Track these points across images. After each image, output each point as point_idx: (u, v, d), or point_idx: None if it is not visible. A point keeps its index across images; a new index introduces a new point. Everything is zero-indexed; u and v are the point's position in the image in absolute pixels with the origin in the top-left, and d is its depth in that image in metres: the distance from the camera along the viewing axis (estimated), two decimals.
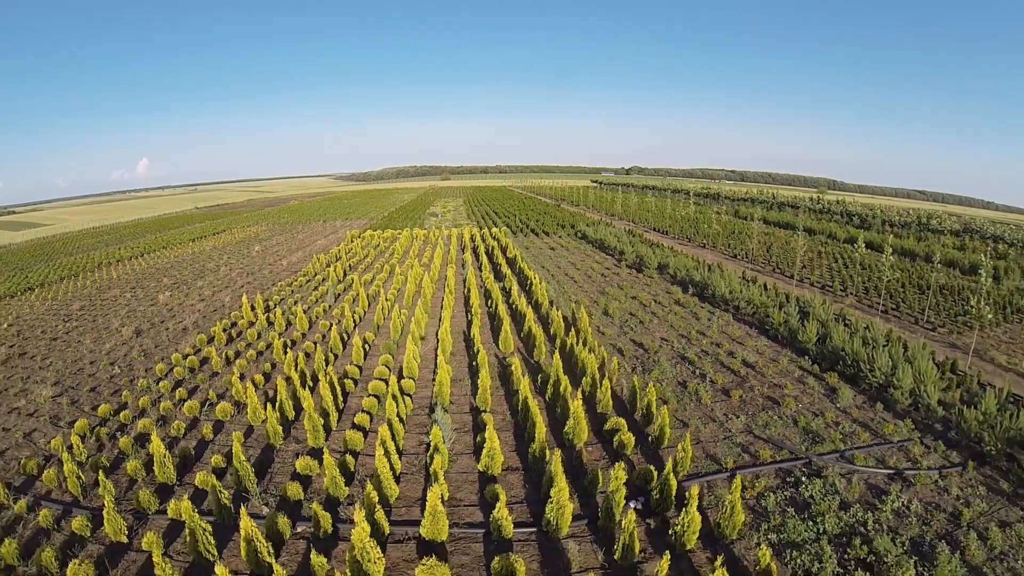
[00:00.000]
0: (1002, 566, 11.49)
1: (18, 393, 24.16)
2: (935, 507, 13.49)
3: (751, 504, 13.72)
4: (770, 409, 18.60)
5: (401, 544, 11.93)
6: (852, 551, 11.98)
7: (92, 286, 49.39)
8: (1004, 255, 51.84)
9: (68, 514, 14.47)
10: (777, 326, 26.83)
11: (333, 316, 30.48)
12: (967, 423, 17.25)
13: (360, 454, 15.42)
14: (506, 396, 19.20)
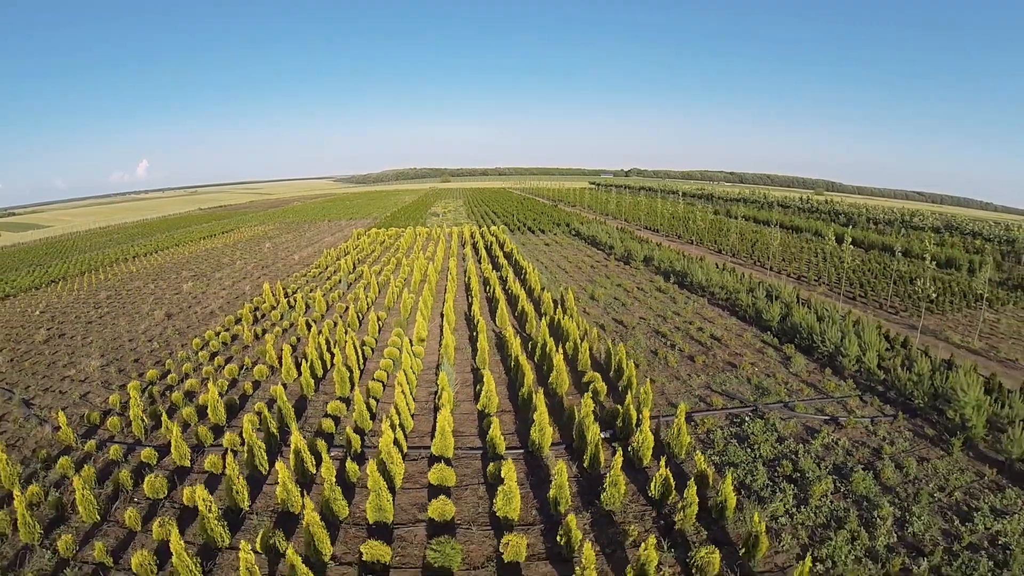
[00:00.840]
0: (913, 487, 14.35)
1: (67, 364, 27.23)
2: (861, 444, 16.50)
3: (701, 437, 16.76)
4: (728, 371, 21.66)
5: (416, 461, 14.97)
6: (781, 470, 15.03)
7: (114, 279, 52.42)
8: (980, 249, 54.96)
9: (132, 451, 17.46)
10: (745, 307, 29.91)
11: (348, 300, 33.54)
12: (901, 381, 20.37)
13: (380, 400, 18.47)
14: (502, 360, 22.27)
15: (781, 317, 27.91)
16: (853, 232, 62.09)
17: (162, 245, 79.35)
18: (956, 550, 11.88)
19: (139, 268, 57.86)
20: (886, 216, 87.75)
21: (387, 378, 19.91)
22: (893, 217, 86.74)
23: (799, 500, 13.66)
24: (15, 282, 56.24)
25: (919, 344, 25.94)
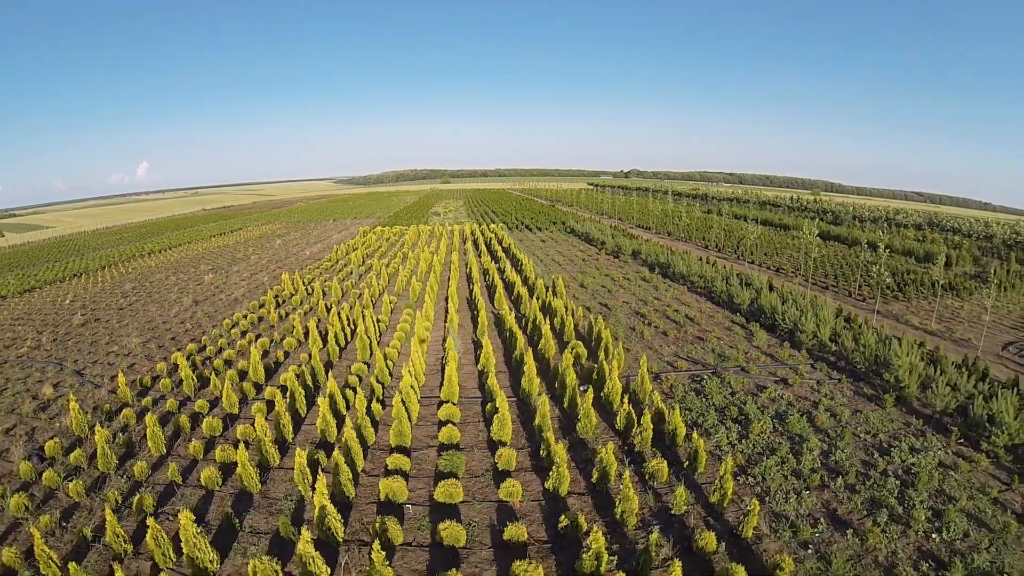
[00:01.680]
0: (843, 430, 17.34)
1: (108, 342, 30.39)
2: (804, 399, 19.58)
3: (665, 391, 19.89)
4: (697, 343, 24.82)
5: (427, 406, 18.14)
6: (728, 413, 18.17)
7: (134, 272, 55.60)
8: (959, 245, 58.11)
9: (184, 405, 20.58)
10: (719, 293, 33.08)
11: (361, 287, 36.70)
12: (847, 351, 23.55)
13: (396, 363, 21.62)
14: (499, 334, 25.44)
15: (751, 301, 31.05)
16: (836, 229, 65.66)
17: (175, 242, 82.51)
18: (870, 474, 14.93)
19: (157, 263, 61.05)
20: (871, 214, 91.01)
21: (400, 347, 23.07)
22: (878, 215, 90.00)
23: (741, 435, 16.79)
24: (39, 276, 59.43)
25: (877, 325, 29.04)
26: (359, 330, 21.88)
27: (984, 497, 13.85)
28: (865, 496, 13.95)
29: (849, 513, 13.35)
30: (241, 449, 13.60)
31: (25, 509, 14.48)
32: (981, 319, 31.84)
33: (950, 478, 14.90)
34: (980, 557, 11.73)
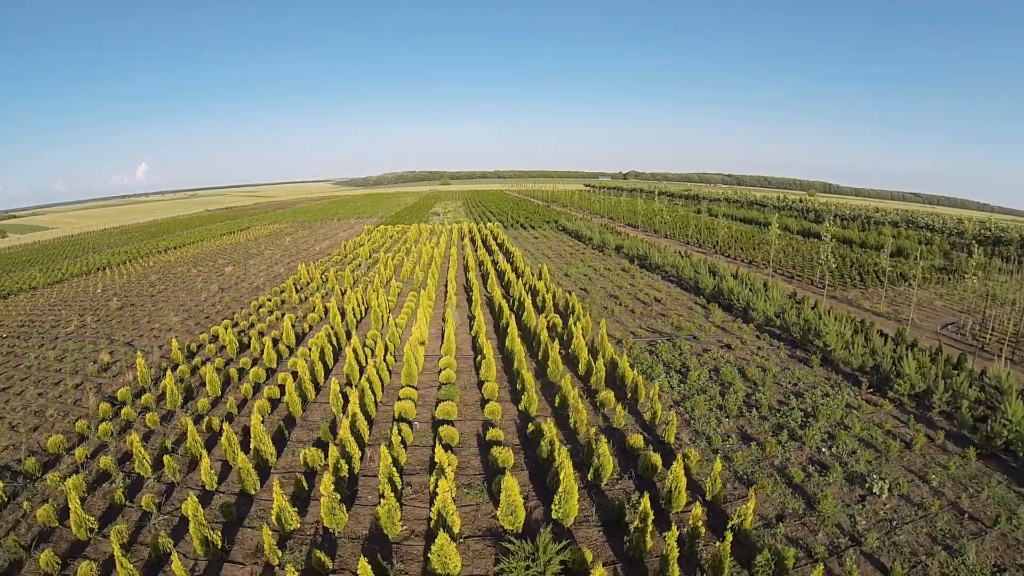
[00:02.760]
0: (771, 380, 21.42)
1: (149, 320, 34.64)
2: (742, 359, 23.73)
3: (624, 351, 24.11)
4: (659, 318, 29.10)
5: (430, 360, 22.40)
6: (673, 366, 22.41)
7: (156, 265, 59.85)
8: (930, 241, 62.42)
9: (229, 364, 24.77)
10: (688, 280, 37.37)
11: (370, 276, 40.99)
12: (788, 323, 27.76)
13: (403, 331, 25.89)
14: (491, 310, 29.74)
15: (714, 286, 35.33)
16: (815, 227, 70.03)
17: (187, 240, 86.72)
18: (782, 409, 19.08)
19: (176, 258, 65.32)
20: (852, 213, 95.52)
21: (407, 321, 27.33)
22: (858, 214, 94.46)
23: (680, 381, 21.05)
24: (64, 270, 63.61)
25: (827, 306, 33.25)
26: (372, 305, 26.17)
27: (878, 429, 17.64)
28: (772, 423, 18.13)
29: (757, 433, 17.52)
30: (288, 380, 17.87)
31: (110, 434, 18.72)
32: (933, 304, 35.98)
33: (852, 414, 18.95)
34: (859, 465, 15.71)
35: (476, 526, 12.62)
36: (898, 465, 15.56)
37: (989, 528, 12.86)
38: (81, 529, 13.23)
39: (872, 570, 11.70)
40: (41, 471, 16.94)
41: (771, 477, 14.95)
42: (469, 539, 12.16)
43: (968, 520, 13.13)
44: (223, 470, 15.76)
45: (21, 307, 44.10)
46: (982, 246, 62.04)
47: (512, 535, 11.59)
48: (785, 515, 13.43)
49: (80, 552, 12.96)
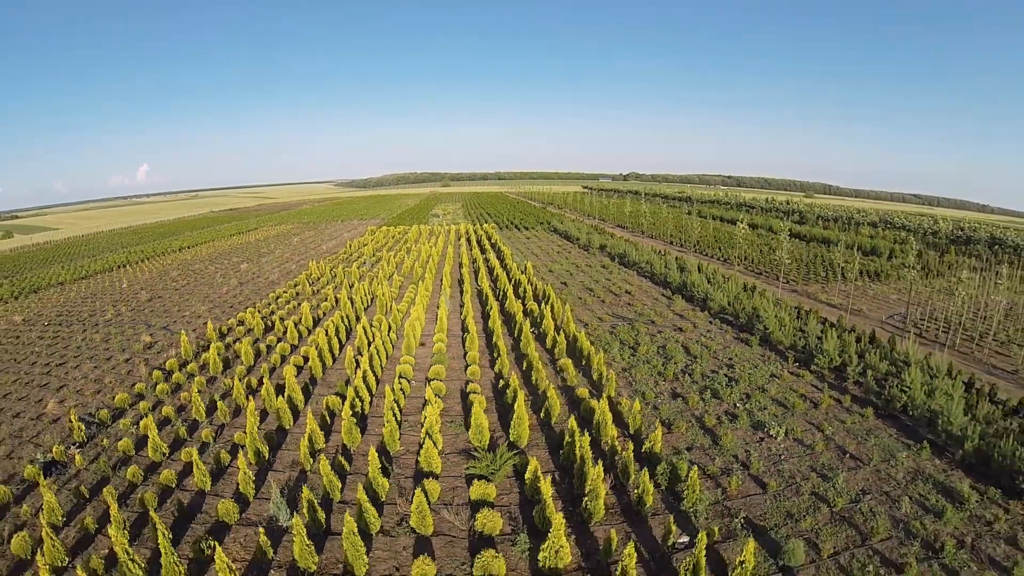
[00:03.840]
0: (708, 354, 25.76)
1: (179, 310, 39.08)
2: (688, 339, 28.04)
3: (589, 333, 28.49)
4: (626, 307, 33.46)
5: (426, 337, 26.83)
6: (626, 344, 26.76)
7: (174, 263, 64.34)
8: (904, 240, 66.71)
9: (257, 341, 29.18)
10: (659, 275, 41.73)
11: (375, 272, 45.47)
12: (737, 311, 32.07)
13: (404, 315, 30.33)
14: (479, 300, 34.15)
15: (680, 280, 39.68)
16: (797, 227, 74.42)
17: (199, 240, 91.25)
18: (713, 375, 23.38)
19: (191, 256, 69.83)
20: (834, 214, 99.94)
21: (407, 308, 31.74)
22: (839, 215, 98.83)
23: (631, 354, 25.41)
24: (87, 267, 68.11)
25: (782, 297, 37.49)
26: (377, 294, 30.64)
27: (793, 392, 21.62)
28: (701, 385, 22.41)
29: (685, 392, 21.77)
30: (311, 350, 22.29)
31: (166, 393, 23.16)
32: (888, 298, 39.94)
33: (774, 382, 23.17)
34: (765, 417, 19.94)
35: (454, 447, 17.03)
36: (801, 418, 19.67)
37: (865, 465, 16.88)
38: (156, 453, 17.66)
39: (753, 485, 15.93)
40: (112, 420, 21.41)
41: (688, 422, 19.27)
42: (449, 454, 16.56)
43: (849, 459, 17.19)
44: (262, 417, 20.17)
45: (53, 300, 48.51)
46: (955, 245, 66.74)
47: (479, 450, 15.98)
48: (693, 447, 17.74)
49: (155, 469, 17.33)
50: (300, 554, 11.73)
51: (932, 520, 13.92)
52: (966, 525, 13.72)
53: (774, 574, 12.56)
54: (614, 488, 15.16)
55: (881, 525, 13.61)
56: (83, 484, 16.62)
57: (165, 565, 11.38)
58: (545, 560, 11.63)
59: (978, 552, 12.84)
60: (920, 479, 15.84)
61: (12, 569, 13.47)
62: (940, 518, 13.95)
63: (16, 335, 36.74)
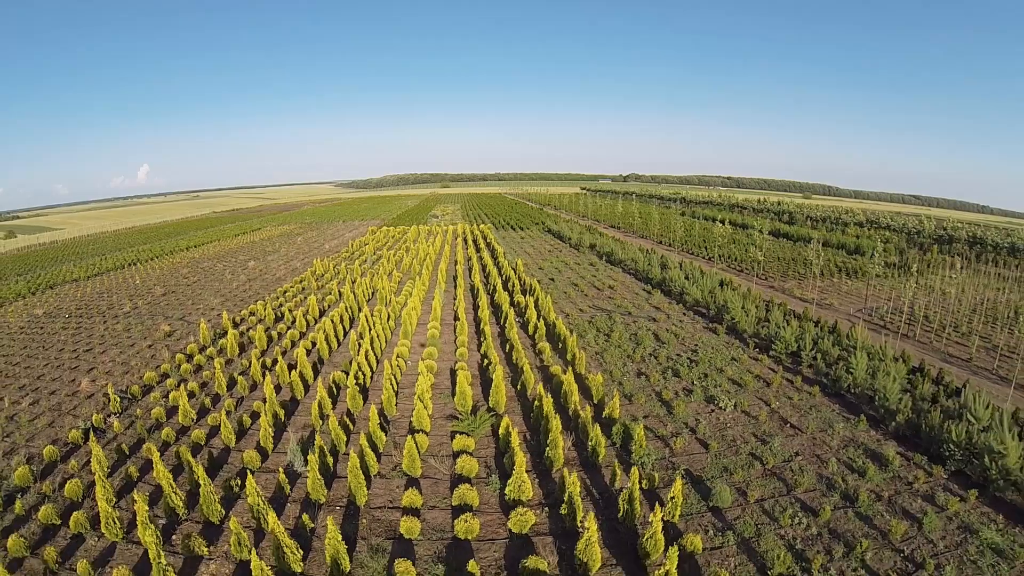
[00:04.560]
0: (675, 340, 28.57)
1: (194, 303, 41.92)
2: (660, 328, 30.83)
3: (569, 323, 31.29)
4: (607, 300, 36.26)
5: (421, 325, 29.66)
6: (601, 330, 29.54)
7: (182, 261, 67.20)
8: (888, 240, 69.48)
9: (269, 329, 32.01)
10: (641, 272, 44.54)
11: (376, 268, 48.32)
12: (709, 303, 34.85)
13: (402, 306, 33.17)
14: (472, 294, 36.99)
15: (661, 276, 42.47)
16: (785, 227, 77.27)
17: (204, 240, 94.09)
18: (677, 358, 26.13)
19: (199, 255, 72.70)
20: (822, 214, 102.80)
21: (405, 300, 34.60)
22: (827, 215, 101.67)
23: (604, 340, 28.19)
24: (99, 265, 70.93)
25: (756, 291, 40.10)
26: (378, 288, 33.51)
27: (748, 373, 24.30)
28: (664, 366, 25.17)
29: (649, 372, 24.44)
30: (319, 336, 25.12)
31: (189, 372, 26.00)
32: (861, 294, 42.35)
33: (733, 364, 25.94)
34: (717, 390, 22.69)
35: (442, 413, 19.87)
36: (752, 395, 22.33)
37: (803, 433, 19.52)
38: (186, 418, 20.47)
39: (697, 446, 18.66)
40: (142, 394, 24.25)
41: (648, 395, 22.04)
42: (437, 418, 19.40)
43: (789, 428, 19.85)
44: (276, 390, 22.99)
45: (70, 296, 51.28)
46: (936, 244, 69.49)
47: (462, 414, 18.80)
48: (649, 416, 20.49)
49: (186, 432, 20.12)
50: (312, 487, 14.54)
51: (856, 478, 16.19)
52: (887, 484, 15.86)
53: (704, 512, 15.22)
54: (575, 445, 17.96)
55: (807, 480, 16.14)
56: (122, 444, 19.44)
57: (203, 495, 14.16)
58: (511, 494, 14.43)
59: (893, 505, 14.91)
60: (852, 446, 18.14)
61: (65, 509, 16.20)
62: (863, 476, 16.33)
63: (40, 326, 39.51)
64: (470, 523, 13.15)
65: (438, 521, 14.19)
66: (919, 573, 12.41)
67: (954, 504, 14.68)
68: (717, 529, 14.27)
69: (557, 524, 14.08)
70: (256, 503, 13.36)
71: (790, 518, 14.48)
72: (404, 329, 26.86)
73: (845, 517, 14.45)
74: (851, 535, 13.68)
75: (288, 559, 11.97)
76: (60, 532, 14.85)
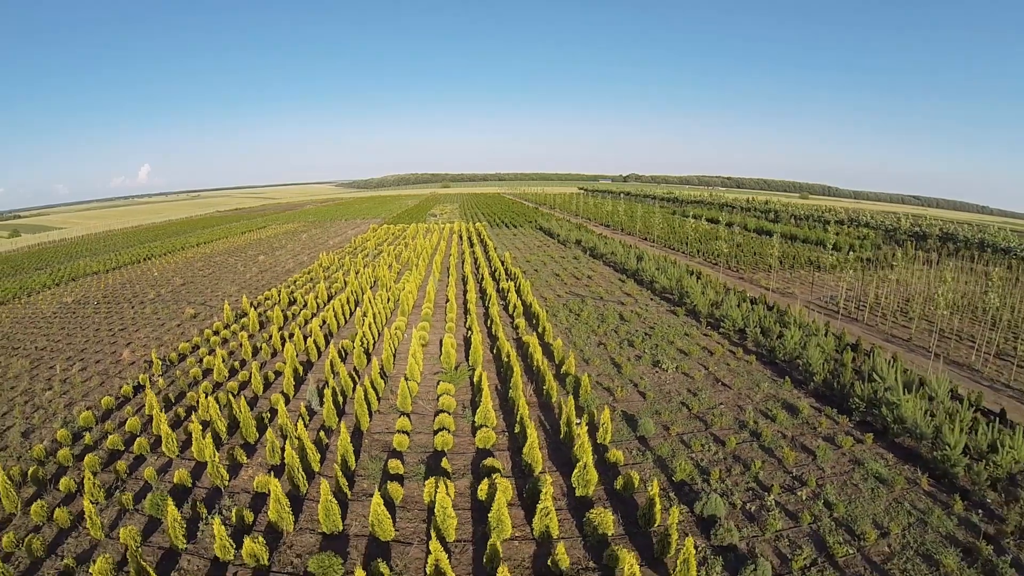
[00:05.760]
0: (638, 320, 32.96)
1: (212, 290, 46.36)
2: (626, 309, 35.19)
3: (547, 307, 35.65)
4: (584, 288, 40.64)
5: (416, 307, 34.08)
6: (573, 311, 33.94)
7: (195, 257, 71.65)
8: (865, 236, 73.69)
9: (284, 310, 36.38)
10: (619, 264, 48.91)
11: (377, 262, 52.75)
12: (672, 289, 39.21)
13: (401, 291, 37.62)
14: (463, 282, 41.41)
15: (636, 267, 46.83)
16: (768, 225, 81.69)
17: (212, 237, 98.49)
18: (635, 333, 30.49)
19: (210, 251, 77.15)
20: (805, 212, 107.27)
21: (403, 287, 39.02)
22: (811, 213, 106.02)
23: (574, 319, 32.55)
24: (115, 260, 75.35)
25: (724, 281, 44.35)
26: (379, 276, 37.90)
27: (696, 345, 28.57)
28: (623, 339, 29.48)
29: (608, 343, 28.77)
30: (329, 314, 29.53)
31: (218, 343, 30.40)
32: (826, 284, 45.89)
33: (685, 338, 30.22)
34: (663, 357, 26.96)
35: (431, 370, 24.31)
36: (695, 361, 26.58)
37: (730, 388, 23.67)
38: (220, 376, 24.87)
39: (637, 396, 22.87)
40: (178, 360, 28.63)
41: (603, 360, 26.37)
42: (426, 374, 23.84)
43: (720, 385, 24.04)
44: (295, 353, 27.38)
45: (94, 286, 55.59)
46: (910, 240, 73.74)
47: (446, 369, 23.18)
48: (601, 374, 24.81)
49: (220, 386, 24.50)
50: (327, 416, 18.93)
51: (767, 422, 20.19)
52: (794, 427, 19.50)
53: (632, 440, 19.48)
54: (535, 392, 22.34)
55: (724, 422, 20.30)
56: (168, 394, 23.82)
57: (242, 420, 18.56)
58: (479, 421, 18.79)
59: (795, 441, 18.63)
60: (772, 400, 21.98)
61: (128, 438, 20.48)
62: (774, 421, 20.39)
63: (72, 312, 43.87)
64: (446, 439, 17.53)
65: (423, 441, 18.58)
66: (803, 489, 15.86)
67: (849, 443, 18.04)
68: (639, 451, 18.56)
69: (513, 443, 18.46)
70: (284, 422, 17.75)
71: (701, 446, 18.60)
72: (402, 308, 31.29)
73: (749, 448, 18.33)
74: (751, 460, 17.31)
75: (309, 459, 16.34)
76: (123, 456, 19.11)
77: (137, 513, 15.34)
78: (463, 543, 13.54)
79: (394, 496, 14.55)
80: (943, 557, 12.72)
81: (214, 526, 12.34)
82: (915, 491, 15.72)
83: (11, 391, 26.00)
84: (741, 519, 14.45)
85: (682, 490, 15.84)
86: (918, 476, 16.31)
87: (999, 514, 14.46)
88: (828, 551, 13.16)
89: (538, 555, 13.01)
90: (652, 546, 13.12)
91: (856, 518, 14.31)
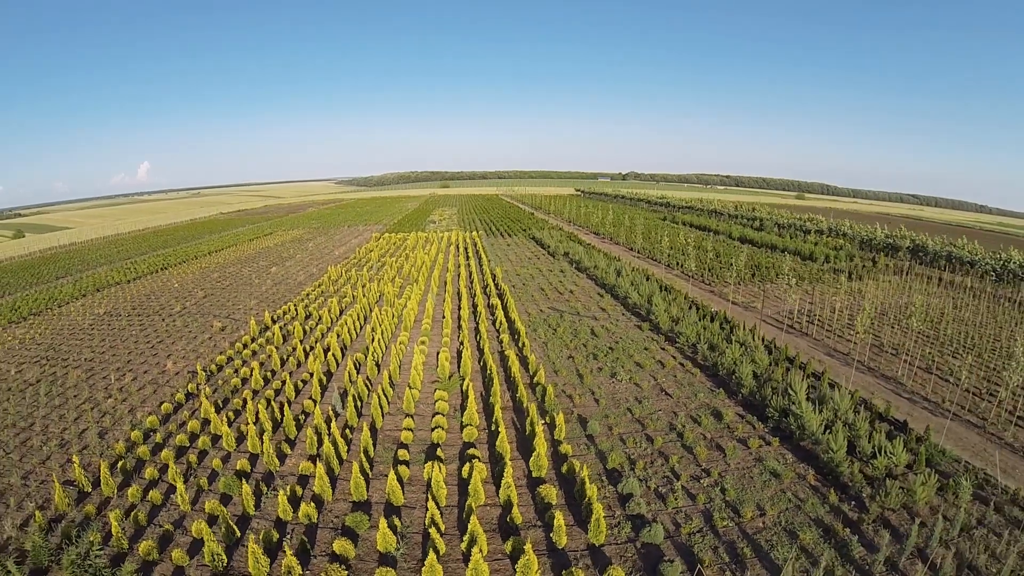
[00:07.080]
0: (602, 330, 38.53)
1: (234, 303, 51.79)
2: (598, 325, 40.70)
3: (528, 321, 41.15)
4: (565, 303, 46.16)
5: (417, 319, 39.63)
6: (551, 326, 39.47)
7: (209, 267, 76.94)
8: (841, 247, 78.86)
9: (302, 324, 41.94)
10: (599, 278, 54.36)
11: (380, 274, 58.19)
12: (641, 305, 44.74)
13: (404, 305, 43.11)
14: (458, 298, 46.94)
15: (614, 283, 52.23)
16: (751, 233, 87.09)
17: (222, 245, 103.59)
18: (601, 348, 35.95)
19: (223, 260, 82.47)
20: (789, 220, 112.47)
21: (405, 303, 44.50)
22: (793, 222, 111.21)
23: (552, 333, 38.05)
24: (134, 269, 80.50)
25: (686, 294, 49.82)
26: (384, 292, 43.38)
27: (652, 359, 33.99)
28: (589, 352, 34.89)
29: (576, 355, 34.21)
30: (343, 328, 35.00)
31: (249, 355, 35.90)
32: (788, 298, 50.67)
33: (643, 351, 35.65)
34: (620, 369, 32.37)
35: (429, 379, 29.99)
36: (646, 373, 32.03)
37: (671, 397, 29.15)
38: (256, 384, 30.40)
39: (592, 402, 28.32)
40: (217, 370, 34.13)
41: (570, 371, 31.88)
42: (425, 382, 29.41)
43: (663, 395, 29.45)
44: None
45: (120, 297, 60.76)
46: (883, 252, 79.11)
47: (441, 378, 28.71)
48: (567, 384, 30.31)
49: (257, 394, 30.01)
50: (350, 416, 24.45)
51: (693, 425, 25.64)
52: (716, 431, 24.61)
53: (582, 437, 24.89)
54: (512, 399, 27.87)
55: (658, 424, 25.72)
56: (216, 400, 29.30)
57: (284, 420, 24.07)
58: (465, 420, 24.32)
59: (712, 442, 23.85)
60: (705, 408, 27.35)
61: (191, 436, 25.97)
62: (699, 424, 25.83)
63: (107, 323, 49.16)
64: (440, 434, 23.09)
65: (422, 436, 24.16)
66: (707, 478, 20.98)
67: (756, 444, 23.09)
68: (586, 445, 24.05)
69: (491, 438, 24.03)
70: (319, 422, 23.30)
71: (635, 443, 24.03)
72: (405, 324, 36.87)
73: (673, 446, 23.69)
74: (671, 454, 22.66)
75: (340, 449, 21.85)
76: (189, 450, 24.51)
77: (212, 493, 20.85)
78: (451, 507, 19.14)
79: (403, 475, 20.14)
80: (803, 533, 17.36)
81: (279, 496, 17.87)
82: (801, 484, 20.54)
83: (75, 399, 31.20)
84: (652, 497, 19.90)
85: (612, 475, 21.38)
86: (807, 472, 21.12)
87: (868, 506, 18.74)
88: (712, 523, 18.39)
89: (501, 516, 18.60)
90: (581, 511, 18.66)
91: (743, 501, 19.42)
